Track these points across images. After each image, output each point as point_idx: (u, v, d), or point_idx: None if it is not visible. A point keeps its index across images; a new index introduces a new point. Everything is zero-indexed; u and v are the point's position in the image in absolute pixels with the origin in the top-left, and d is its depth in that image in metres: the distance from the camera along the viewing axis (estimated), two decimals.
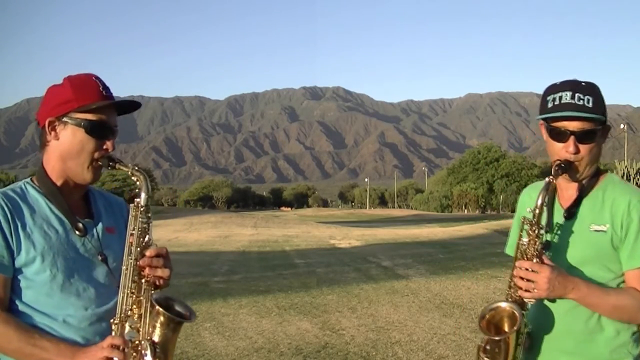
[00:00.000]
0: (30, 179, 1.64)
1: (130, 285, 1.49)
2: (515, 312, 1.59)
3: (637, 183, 30.61)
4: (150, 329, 1.47)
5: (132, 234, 1.52)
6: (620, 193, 1.66)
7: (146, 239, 1.53)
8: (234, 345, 5.48)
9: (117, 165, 1.57)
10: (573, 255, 1.67)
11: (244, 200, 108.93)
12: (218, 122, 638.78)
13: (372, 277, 9.97)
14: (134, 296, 1.49)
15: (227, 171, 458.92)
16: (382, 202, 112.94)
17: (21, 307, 1.51)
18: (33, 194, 1.59)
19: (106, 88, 1.59)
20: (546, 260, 1.61)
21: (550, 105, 1.64)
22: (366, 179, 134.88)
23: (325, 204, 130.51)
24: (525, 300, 1.61)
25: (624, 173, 31.18)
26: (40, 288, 1.51)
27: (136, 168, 1.56)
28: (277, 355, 5.19)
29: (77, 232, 1.56)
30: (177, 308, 1.54)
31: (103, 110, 1.56)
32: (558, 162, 1.62)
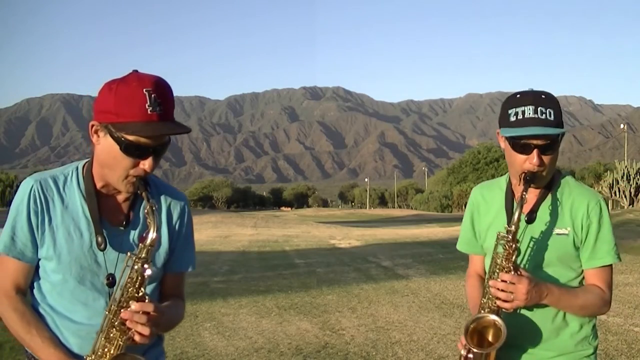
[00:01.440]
0: (83, 166, 1.58)
1: (106, 330, 1.44)
2: (500, 326, 1.62)
3: (637, 183, 30.61)
4: None
5: (128, 282, 1.45)
6: (578, 196, 1.76)
7: (140, 291, 1.44)
8: (234, 345, 5.48)
9: (143, 193, 1.47)
10: (538, 258, 1.75)
11: (244, 200, 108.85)
12: (218, 122, 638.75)
13: (372, 277, 9.97)
14: (108, 343, 1.43)
15: (227, 171, 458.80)
16: (382, 202, 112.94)
17: (36, 292, 1.56)
18: (73, 188, 1.55)
19: (158, 103, 1.41)
20: (523, 272, 1.66)
21: (512, 119, 1.66)
22: (366, 179, 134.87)
23: (325, 204, 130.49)
24: (504, 310, 1.66)
25: (624, 173, 31.19)
26: (54, 286, 1.53)
27: (152, 208, 1.45)
28: (277, 355, 5.19)
29: (97, 246, 1.51)
30: None
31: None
32: (524, 174, 1.67)
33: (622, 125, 65.09)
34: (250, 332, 5.98)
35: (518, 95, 1.69)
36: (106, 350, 1.43)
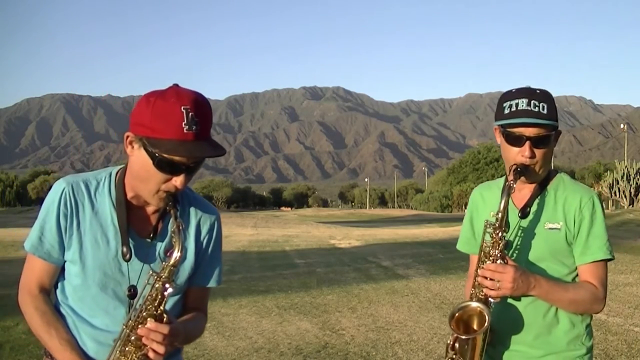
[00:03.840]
0: (116, 173, 1.57)
1: (122, 345, 1.44)
2: (484, 312, 1.65)
3: (637, 183, 30.62)
4: None
5: (147, 299, 1.45)
6: (571, 192, 1.77)
7: (159, 309, 1.44)
8: (234, 345, 5.48)
9: (172, 211, 1.46)
10: (530, 252, 1.76)
11: (244, 200, 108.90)
12: (218, 122, 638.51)
13: (372, 277, 9.97)
14: (122, 357, 1.44)
15: (227, 171, 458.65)
16: (382, 202, 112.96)
17: (59, 292, 1.57)
18: (105, 195, 1.54)
19: (194, 122, 1.37)
20: (509, 261, 1.68)
21: (507, 111, 1.70)
22: (366, 179, 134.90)
23: (325, 204, 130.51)
24: (490, 298, 1.68)
25: (624, 173, 31.21)
26: (76, 289, 1.54)
27: (179, 227, 1.44)
28: (277, 355, 5.19)
29: (123, 257, 1.51)
30: None
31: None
32: (515, 166, 1.70)
33: (622, 125, 65.12)
34: (250, 332, 5.98)
35: (514, 90, 1.73)
36: None
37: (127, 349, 1.44)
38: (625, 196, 30.79)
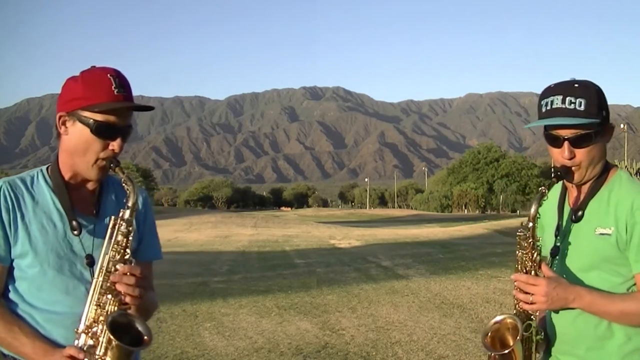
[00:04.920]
0: (46, 167, 1.64)
1: (97, 297, 1.46)
2: (516, 323, 1.58)
3: None
4: (103, 351, 1.43)
5: (111, 246, 1.49)
6: (625, 193, 1.60)
7: (126, 253, 1.49)
8: (234, 345, 5.48)
9: (116, 170, 1.54)
10: (580, 260, 1.63)
11: (244, 200, 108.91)
12: (218, 122, 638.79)
13: (372, 277, 9.97)
14: (100, 309, 1.46)
15: (227, 171, 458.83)
16: (382, 202, 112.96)
17: (12, 295, 1.56)
18: (41, 185, 1.59)
19: (121, 86, 1.53)
20: (545, 271, 1.59)
21: (543, 110, 1.60)
22: (366, 179, 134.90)
23: (325, 204, 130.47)
24: (528, 311, 1.61)
25: None
26: (32, 281, 1.54)
27: (129, 177, 1.53)
28: (277, 355, 5.19)
29: (72, 231, 1.55)
30: (138, 327, 1.47)
31: (112, 111, 1.51)
32: (555, 169, 1.61)
33: (622, 125, 65.05)
34: (250, 332, 5.98)
35: (552, 85, 1.62)
36: (98, 317, 1.46)
37: (102, 299, 1.46)
38: None
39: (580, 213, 1.63)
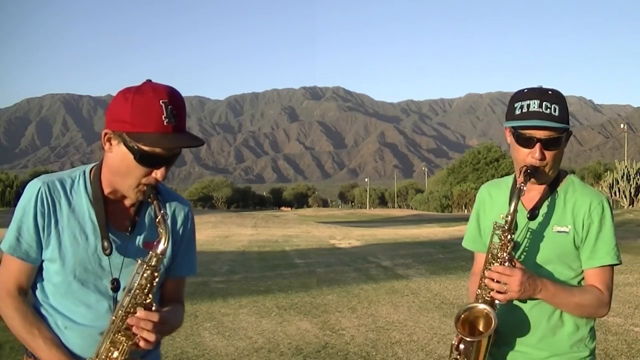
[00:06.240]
0: (90, 170, 1.59)
1: (112, 335, 1.45)
2: (490, 315, 1.65)
3: (637, 183, 30.60)
4: None
5: (134, 289, 1.46)
6: (581, 195, 1.76)
7: (148, 298, 1.47)
8: (234, 345, 5.47)
9: (154, 203, 1.49)
10: (538, 255, 1.75)
11: (244, 200, 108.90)
12: (218, 122, 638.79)
13: (372, 277, 9.97)
14: (113, 347, 1.45)
15: (227, 171, 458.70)
16: (382, 202, 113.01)
17: (39, 293, 1.56)
18: (81, 192, 1.55)
19: (173, 115, 1.42)
20: (517, 264, 1.68)
21: (518, 112, 1.68)
22: (366, 179, 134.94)
23: (325, 204, 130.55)
24: (496, 301, 1.68)
25: (624, 173, 31.19)
26: (57, 287, 1.54)
27: (163, 218, 1.47)
28: (277, 355, 5.19)
29: (104, 250, 1.52)
30: None
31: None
32: (525, 168, 1.68)
33: (622, 125, 65.09)
34: (250, 332, 5.97)
35: (525, 90, 1.71)
36: (110, 353, 1.45)
37: (117, 339, 1.45)
38: (625, 196, 30.77)
39: (537, 211, 1.75)
